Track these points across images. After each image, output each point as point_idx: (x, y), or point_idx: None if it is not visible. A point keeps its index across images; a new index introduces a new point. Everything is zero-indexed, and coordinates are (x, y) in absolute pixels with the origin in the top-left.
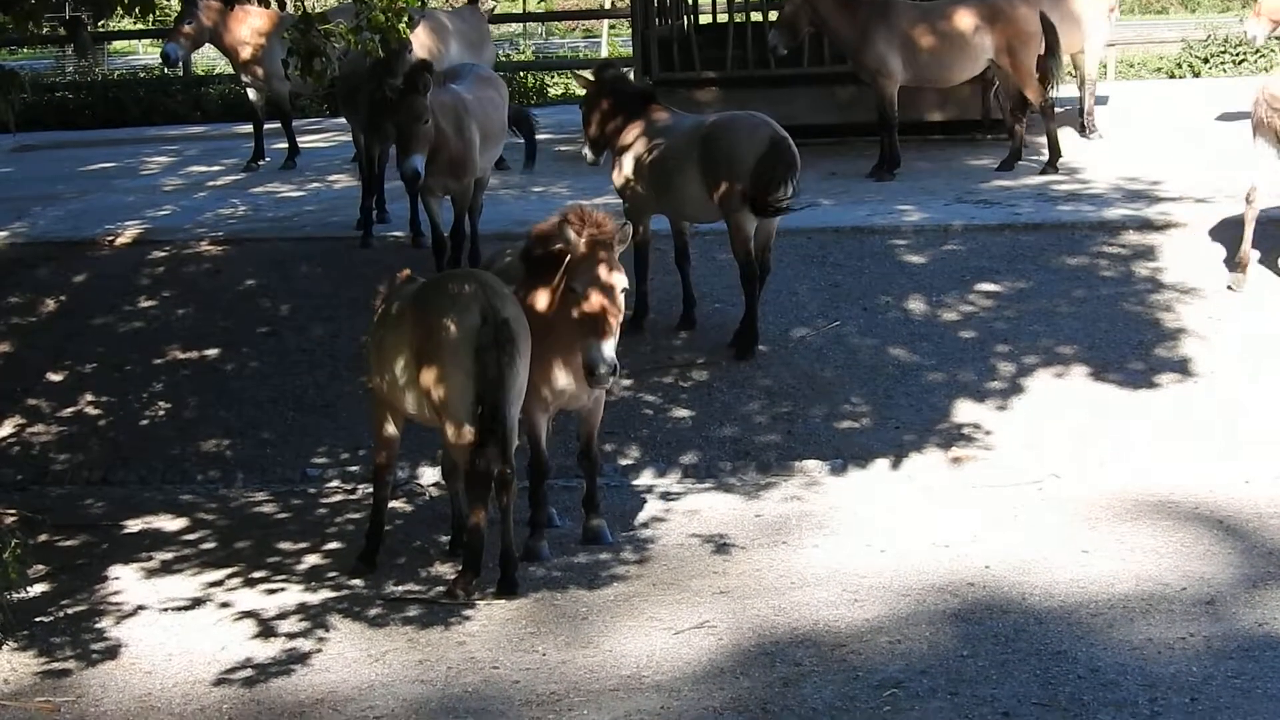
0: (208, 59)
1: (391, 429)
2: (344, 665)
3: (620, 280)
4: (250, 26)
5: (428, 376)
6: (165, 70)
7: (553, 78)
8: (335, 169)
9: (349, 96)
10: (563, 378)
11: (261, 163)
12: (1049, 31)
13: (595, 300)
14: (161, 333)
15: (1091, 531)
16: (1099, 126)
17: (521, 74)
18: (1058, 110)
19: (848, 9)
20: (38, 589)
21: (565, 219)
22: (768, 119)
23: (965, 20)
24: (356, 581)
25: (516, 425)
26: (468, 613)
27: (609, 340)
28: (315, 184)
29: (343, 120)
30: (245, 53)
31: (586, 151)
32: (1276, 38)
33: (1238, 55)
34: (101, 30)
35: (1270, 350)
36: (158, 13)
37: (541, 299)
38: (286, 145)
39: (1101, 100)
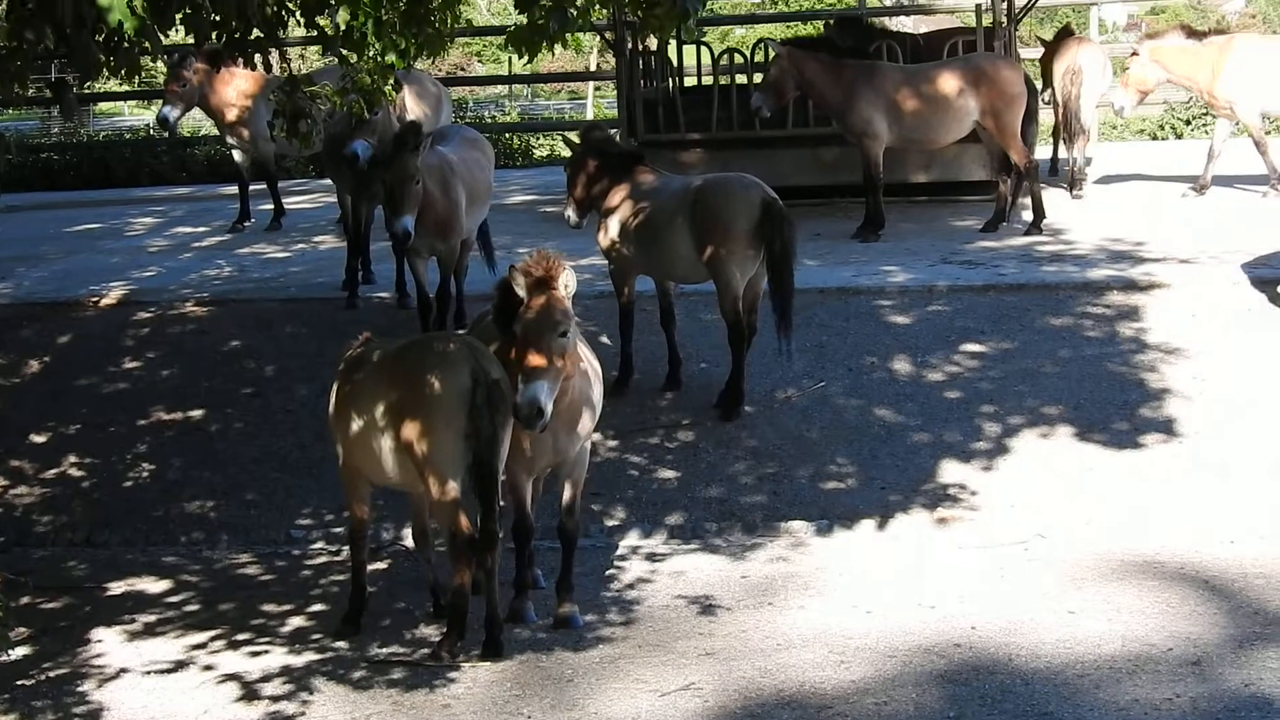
0: (193, 120)
1: (362, 491)
2: None
3: (552, 320)
4: (236, 88)
5: (411, 435)
6: (151, 131)
7: (538, 139)
8: (321, 230)
9: (335, 157)
10: (546, 437)
11: (247, 224)
12: (1031, 95)
13: (522, 340)
14: (146, 393)
15: (1078, 592)
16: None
17: (507, 135)
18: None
19: (833, 71)
20: (19, 652)
21: (514, 265)
22: (757, 180)
23: (950, 83)
24: (341, 644)
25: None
26: (452, 675)
27: (535, 381)
28: (301, 245)
29: (328, 181)
30: (231, 114)
31: (569, 213)
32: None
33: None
34: (87, 92)
35: (1254, 410)
36: (143, 75)
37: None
38: (272, 206)
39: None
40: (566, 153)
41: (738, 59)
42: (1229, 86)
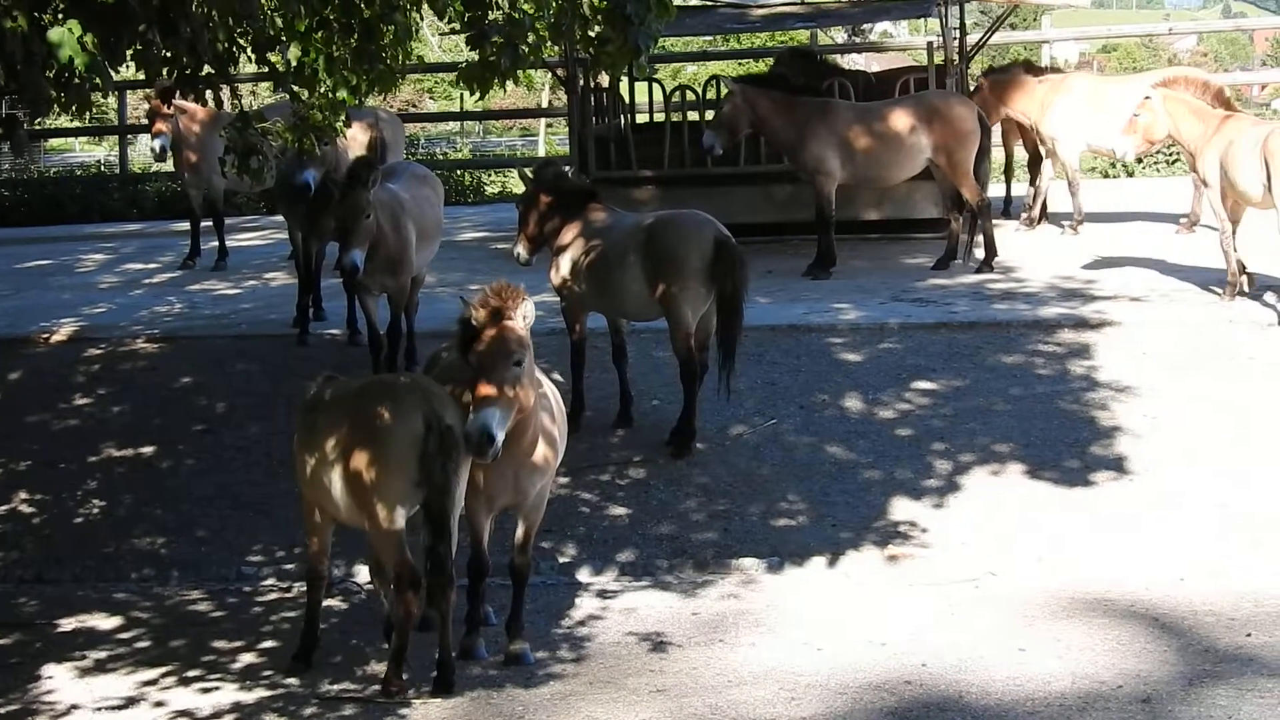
0: (143, 158)
1: (323, 531)
2: None
3: (504, 350)
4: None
5: (363, 479)
6: (103, 168)
7: (490, 176)
8: (272, 267)
9: (287, 194)
10: (507, 474)
11: (198, 260)
12: (985, 132)
13: (476, 369)
14: (97, 430)
15: (1028, 629)
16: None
17: (459, 172)
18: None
19: (786, 109)
20: None
21: (468, 298)
22: (710, 217)
23: (902, 120)
24: (292, 680)
25: (456, 530)
26: (403, 712)
27: (486, 409)
28: (252, 281)
29: (279, 218)
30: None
31: (519, 250)
32: None
33: (1171, 156)
34: (38, 128)
35: (1204, 449)
36: (94, 111)
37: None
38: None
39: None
40: (518, 189)
41: (690, 96)
42: (1053, 123)
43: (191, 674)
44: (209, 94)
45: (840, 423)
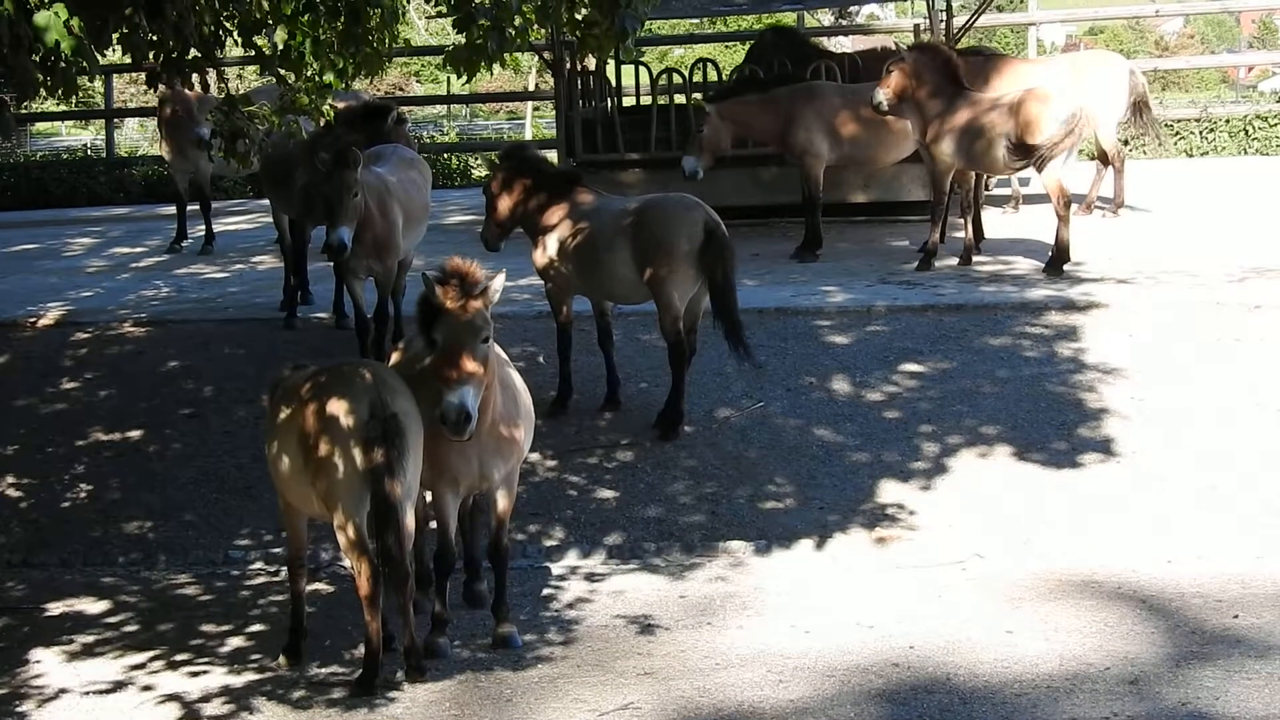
0: (130, 141)
1: (297, 520)
2: None
3: (473, 327)
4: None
5: (313, 468)
6: (89, 152)
7: (476, 159)
8: (259, 250)
9: (278, 178)
10: (470, 456)
11: (184, 244)
12: None
13: (445, 347)
14: (84, 414)
15: (1015, 611)
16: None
17: (446, 155)
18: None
19: (768, 106)
20: None
21: (430, 275)
22: (699, 201)
23: None
24: (280, 663)
25: (412, 521)
26: (392, 695)
27: (461, 388)
28: (239, 265)
29: (265, 202)
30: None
31: (489, 236)
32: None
33: (1158, 138)
34: (24, 112)
35: (1191, 431)
36: (80, 94)
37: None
38: (204, 228)
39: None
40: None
41: (676, 79)
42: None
43: (180, 657)
44: (195, 78)
45: (827, 405)
